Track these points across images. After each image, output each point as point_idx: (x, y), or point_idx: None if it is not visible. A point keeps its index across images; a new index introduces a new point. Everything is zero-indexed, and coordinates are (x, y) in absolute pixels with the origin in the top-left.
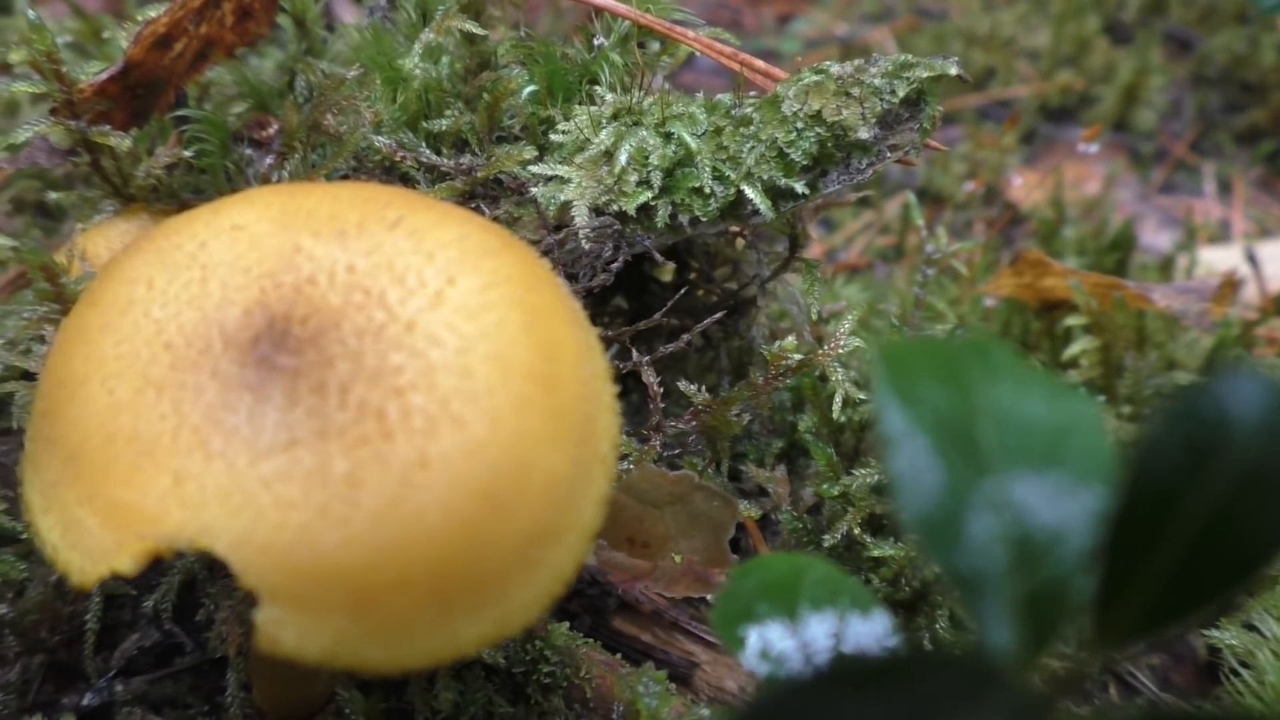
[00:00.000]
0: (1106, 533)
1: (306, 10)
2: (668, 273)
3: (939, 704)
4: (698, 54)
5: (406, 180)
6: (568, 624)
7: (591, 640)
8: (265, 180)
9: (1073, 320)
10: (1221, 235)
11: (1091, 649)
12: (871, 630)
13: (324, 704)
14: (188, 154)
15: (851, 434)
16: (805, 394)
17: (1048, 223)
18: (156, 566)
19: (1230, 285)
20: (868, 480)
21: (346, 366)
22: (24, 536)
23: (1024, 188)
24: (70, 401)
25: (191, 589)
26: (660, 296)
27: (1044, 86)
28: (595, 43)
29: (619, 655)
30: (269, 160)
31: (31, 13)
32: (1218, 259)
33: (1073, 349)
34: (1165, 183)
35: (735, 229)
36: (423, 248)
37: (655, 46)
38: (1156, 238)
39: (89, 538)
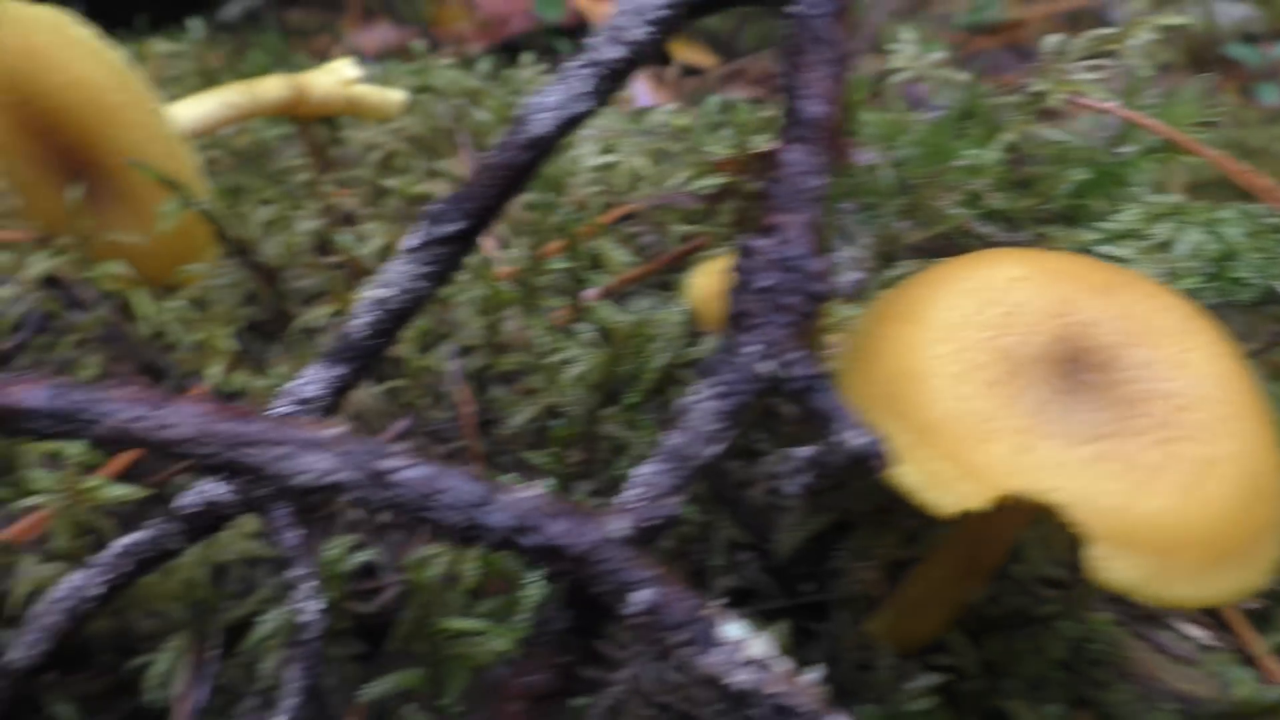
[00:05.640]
0: None
1: None
2: None
3: None
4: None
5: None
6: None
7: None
8: None
9: None
10: None
11: None
12: None
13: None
14: None
15: None
16: None
17: None
18: None
19: None
20: None
21: (1134, 388)
22: None
23: None
24: (920, 391)
25: None
26: None
27: None
28: (1124, 150)
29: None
30: None
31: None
32: None
33: None
34: None
35: None
36: (1161, 309)
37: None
38: None
39: (950, 484)
